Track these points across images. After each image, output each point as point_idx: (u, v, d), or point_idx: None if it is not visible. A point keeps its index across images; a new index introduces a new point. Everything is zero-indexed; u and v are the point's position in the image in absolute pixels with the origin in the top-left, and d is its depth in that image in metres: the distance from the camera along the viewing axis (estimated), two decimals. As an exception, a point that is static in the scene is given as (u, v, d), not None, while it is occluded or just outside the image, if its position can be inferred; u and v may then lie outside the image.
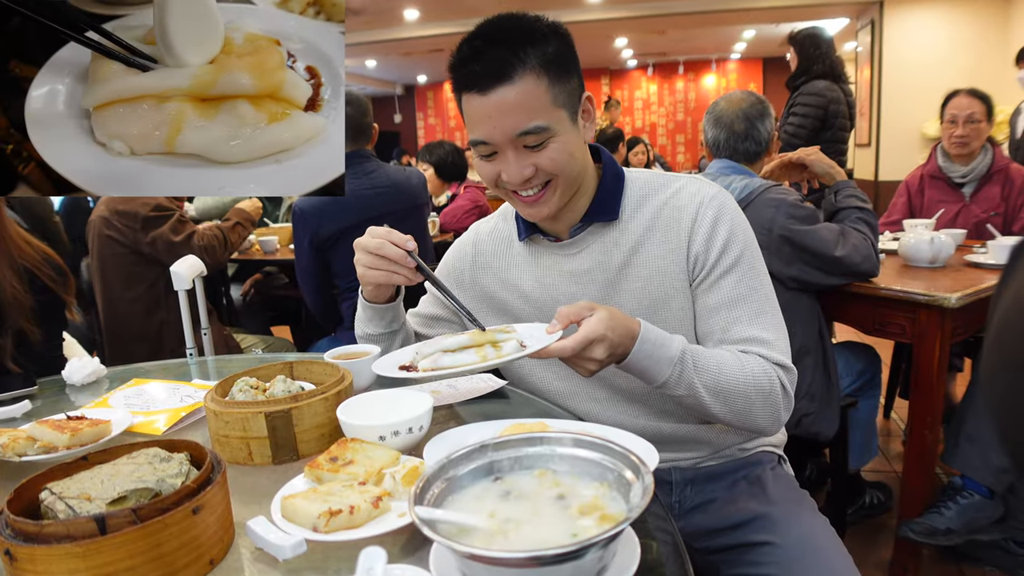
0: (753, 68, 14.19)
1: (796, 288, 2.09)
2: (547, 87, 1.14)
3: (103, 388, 1.49)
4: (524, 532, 0.67)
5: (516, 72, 1.12)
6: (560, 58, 1.16)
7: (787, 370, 1.20)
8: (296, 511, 0.81)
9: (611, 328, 1.04)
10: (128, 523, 0.71)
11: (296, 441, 1.06)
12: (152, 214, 2.76)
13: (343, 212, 2.56)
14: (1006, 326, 0.39)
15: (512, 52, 1.12)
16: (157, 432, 1.20)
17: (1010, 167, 3.02)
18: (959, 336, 2.18)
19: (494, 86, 1.13)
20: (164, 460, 0.84)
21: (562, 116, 1.17)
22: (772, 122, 2.26)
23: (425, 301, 1.50)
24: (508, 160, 1.17)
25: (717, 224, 1.23)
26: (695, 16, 9.26)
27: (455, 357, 1.05)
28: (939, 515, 2.17)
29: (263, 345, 3.15)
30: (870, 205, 2.24)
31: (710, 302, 1.24)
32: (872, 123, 8.10)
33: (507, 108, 1.13)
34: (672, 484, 1.36)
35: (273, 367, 1.25)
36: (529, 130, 1.14)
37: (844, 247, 2.07)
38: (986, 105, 2.95)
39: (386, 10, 9.10)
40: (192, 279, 1.97)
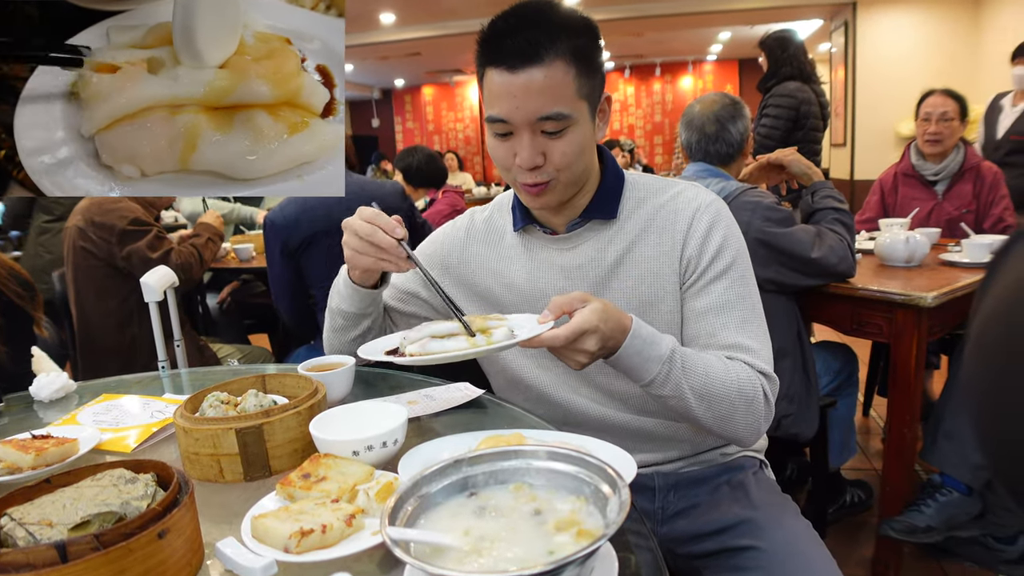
0: (729, 69, 14.29)
1: (773, 290, 2.10)
2: (575, 76, 1.14)
3: (72, 404, 1.45)
4: (499, 550, 0.65)
5: (548, 55, 1.11)
6: (590, 52, 1.16)
7: (770, 379, 1.20)
8: (267, 531, 0.79)
9: (604, 320, 1.03)
10: (90, 549, 0.68)
11: (268, 457, 1.03)
12: (129, 228, 2.68)
13: (314, 220, 2.54)
14: (987, 328, 0.39)
15: (547, 35, 1.11)
16: (127, 449, 1.17)
17: (981, 165, 3.06)
18: (936, 334, 2.19)
19: (524, 66, 1.12)
20: (129, 481, 0.82)
21: (583, 109, 1.17)
22: (746, 124, 2.26)
23: (405, 274, 1.47)
24: (523, 143, 1.16)
25: (712, 230, 1.24)
26: (671, 18, 9.31)
27: (444, 343, 1.03)
28: (919, 512, 2.19)
29: (240, 355, 3.10)
30: (847, 206, 2.25)
31: (698, 306, 1.24)
32: (847, 123, 8.20)
33: (533, 90, 1.12)
34: (655, 490, 1.35)
35: (245, 381, 1.22)
36: (551, 115, 1.13)
37: (820, 248, 2.08)
38: (959, 104, 2.99)
39: (362, 14, 9.05)
40: (163, 290, 1.94)
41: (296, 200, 2.57)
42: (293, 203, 2.58)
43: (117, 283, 2.73)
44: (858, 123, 8.04)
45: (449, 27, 9.49)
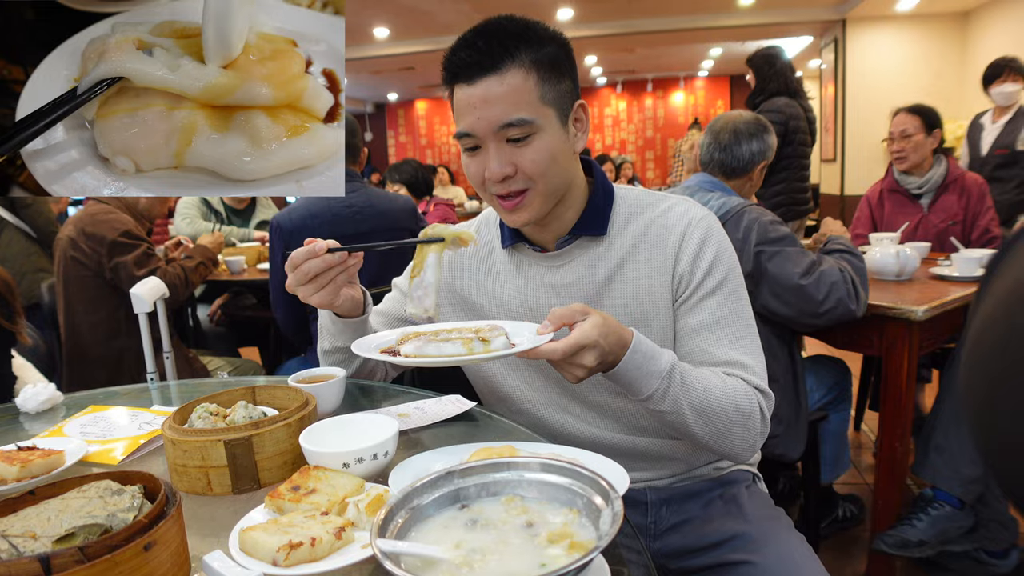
0: (720, 85, 14.38)
1: (762, 315, 2.08)
2: (536, 83, 1.14)
3: (59, 416, 1.44)
4: (491, 563, 0.64)
5: (504, 64, 1.12)
6: (554, 60, 1.16)
7: (766, 396, 1.19)
8: (255, 544, 0.78)
9: (604, 335, 1.02)
10: (74, 562, 0.67)
11: (257, 469, 1.02)
12: (120, 239, 2.68)
13: (318, 228, 2.54)
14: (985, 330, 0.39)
15: (503, 46, 1.12)
16: (114, 461, 1.16)
17: (965, 176, 3.10)
18: (927, 348, 2.20)
19: (481, 76, 1.12)
20: (116, 493, 0.80)
21: (549, 114, 1.16)
22: (763, 148, 2.24)
23: (389, 299, 1.47)
24: (490, 153, 1.16)
25: (704, 246, 1.23)
26: (663, 34, 9.37)
27: (440, 346, 1.02)
28: (911, 527, 2.19)
29: (230, 368, 3.08)
30: (860, 253, 2.16)
31: (691, 323, 1.23)
32: (837, 138, 8.26)
33: (492, 99, 1.12)
34: (647, 504, 1.34)
35: (235, 392, 1.21)
36: (512, 122, 1.13)
37: (809, 277, 1.98)
38: (922, 119, 3.04)
39: (356, 28, 9.08)
40: (153, 301, 1.92)
41: (303, 206, 2.59)
42: (300, 208, 2.59)
43: (107, 294, 2.72)
44: (848, 138, 8.10)
45: (443, 42, 9.44)
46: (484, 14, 1.19)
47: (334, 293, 1.23)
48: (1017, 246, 0.39)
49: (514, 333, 1.08)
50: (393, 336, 1.16)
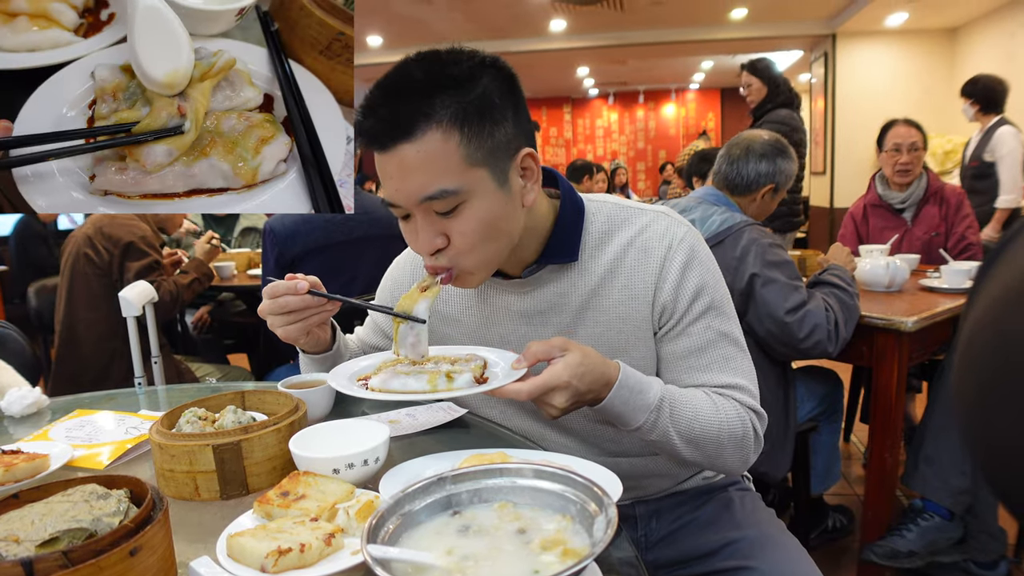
0: (711, 98, 14.47)
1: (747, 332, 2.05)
2: (459, 143, 0.97)
3: (44, 419, 1.42)
4: (483, 570, 0.63)
5: (417, 127, 0.96)
6: (482, 106, 0.98)
7: (759, 415, 1.17)
8: (243, 550, 0.77)
9: (578, 375, 0.97)
10: (58, 567, 0.66)
11: (246, 475, 1.01)
12: (136, 244, 2.76)
13: (311, 232, 2.54)
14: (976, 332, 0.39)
15: (413, 105, 0.97)
16: (100, 466, 1.14)
17: (944, 188, 3.14)
18: (916, 359, 2.21)
19: (392, 143, 0.98)
20: (101, 497, 0.79)
21: (480, 176, 1.00)
22: (775, 171, 2.21)
23: (368, 326, 1.45)
24: (416, 225, 1.04)
25: (687, 271, 1.14)
26: (655, 47, 9.43)
27: (406, 381, 1.01)
28: (901, 537, 2.19)
29: (219, 374, 3.07)
30: (855, 289, 2.13)
31: (678, 349, 1.17)
32: (827, 151, 8.32)
33: (408, 168, 0.98)
34: (636, 518, 1.32)
35: (224, 397, 1.20)
36: (432, 195, 0.98)
37: (795, 315, 1.96)
38: (922, 134, 3.08)
39: (349, 36, 9.09)
40: (142, 306, 1.91)
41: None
42: (294, 214, 2.58)
43: (109, 294, 2.75)
44: (837, 152, 8.17)
45: (437, 50, 9.53)
46: (476, 23, 1.18)
47: (302, 331, 1.19)
48: (1005, 252, 0.39)
49: (493, 363, 1.06)
50: (374, 362, 1.13)
